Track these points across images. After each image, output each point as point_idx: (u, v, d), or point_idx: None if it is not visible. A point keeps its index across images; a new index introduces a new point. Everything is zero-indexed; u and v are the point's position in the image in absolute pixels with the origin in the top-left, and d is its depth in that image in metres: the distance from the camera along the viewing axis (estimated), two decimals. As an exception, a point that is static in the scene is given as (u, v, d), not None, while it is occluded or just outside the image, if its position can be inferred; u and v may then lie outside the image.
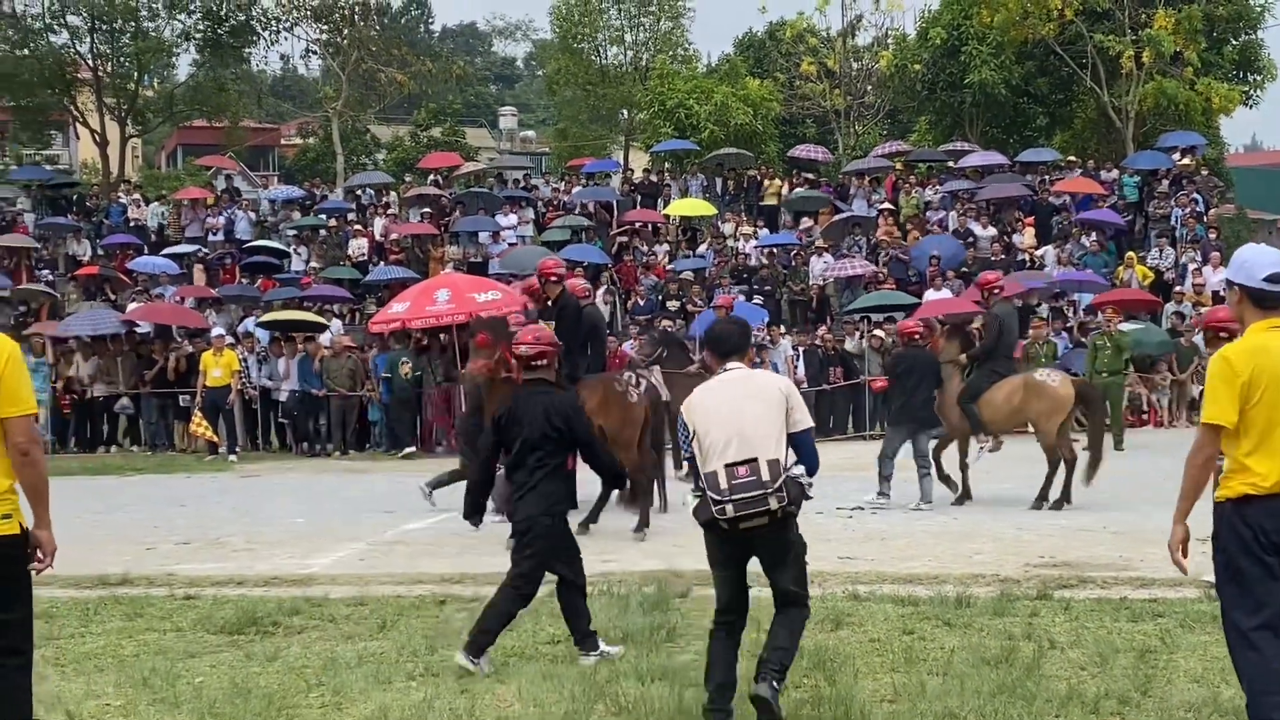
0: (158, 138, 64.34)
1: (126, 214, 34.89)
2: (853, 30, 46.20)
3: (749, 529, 6.62)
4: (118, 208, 35.43)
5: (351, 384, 24.34)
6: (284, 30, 46.32)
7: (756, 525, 6.60)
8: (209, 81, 45.62)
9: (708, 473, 6.61)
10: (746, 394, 6.74)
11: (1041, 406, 15.14)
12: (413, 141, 56.07)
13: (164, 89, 47.96)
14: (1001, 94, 40.22)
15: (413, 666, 8.07)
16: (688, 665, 7.86)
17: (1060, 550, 11.46)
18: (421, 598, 10.28)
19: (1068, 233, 29.38)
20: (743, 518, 6.56)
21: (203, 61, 45.86)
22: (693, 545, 12.64)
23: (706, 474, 6.62)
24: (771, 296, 28.09)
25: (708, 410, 6.76)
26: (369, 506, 16.52)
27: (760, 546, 6.83)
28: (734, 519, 6.57)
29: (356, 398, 24.43)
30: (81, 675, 8.01)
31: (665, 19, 49.26)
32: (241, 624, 9.22)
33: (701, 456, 6.70)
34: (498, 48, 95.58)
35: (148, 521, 15.50)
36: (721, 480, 6.54)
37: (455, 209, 33.62)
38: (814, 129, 47.17)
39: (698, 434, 6.72)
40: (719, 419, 6.68)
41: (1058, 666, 7.86)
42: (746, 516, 6.56)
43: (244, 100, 48.12)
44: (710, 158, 37.24)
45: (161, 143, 69.24)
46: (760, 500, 6.51)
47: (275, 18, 45.58)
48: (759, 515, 6.56)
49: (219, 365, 23.62)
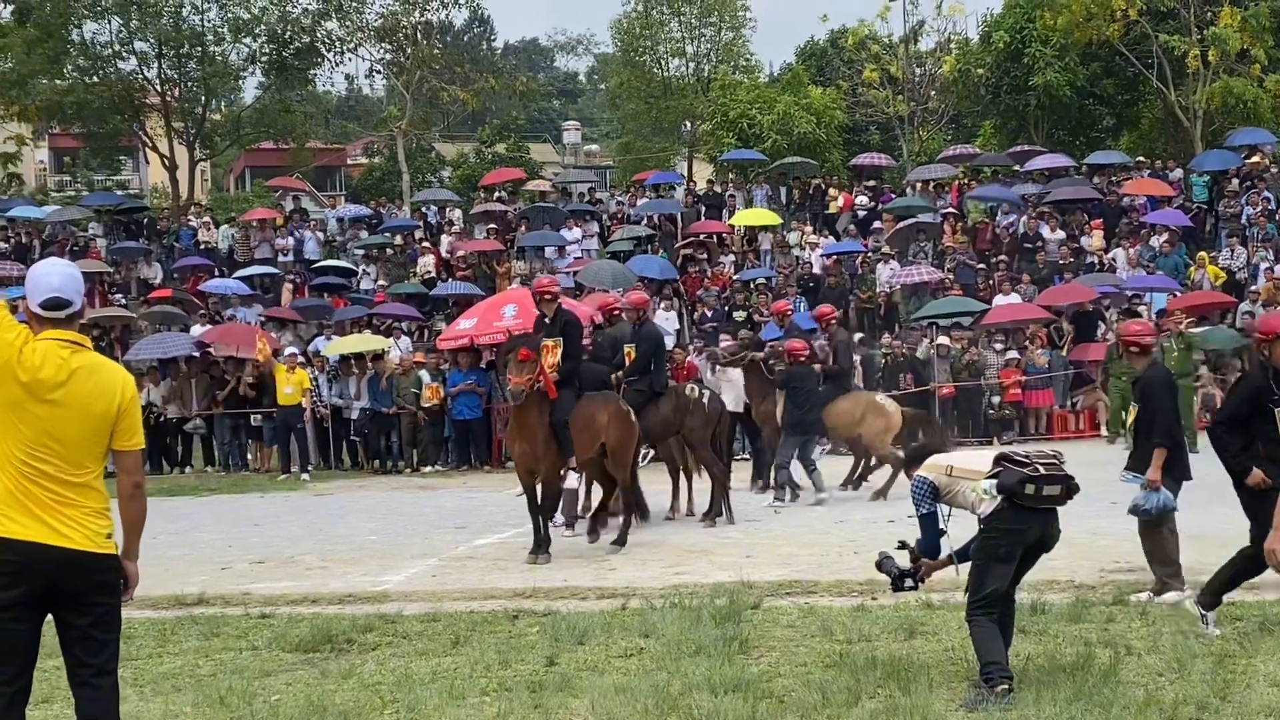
0: (225, 161, 65.06)
1: (197, 237, 35.29)
2: (915, 36, 46.08)
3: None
4: (188, 231, 35.84)
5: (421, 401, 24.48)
6: (348, 51, 46.72)
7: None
8: (275, 104, 46.12)
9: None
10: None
11: (877, 425, 17.54)
12: (477, 158, 56.38)
13: (231, 112, 48.50)
14: (1067, 96, 39.90)
15: (486, 682, 8.10)
16: (760, 677, 7.83)
17: (1136, 555, 11.31)
18: (493, 613, 10.32)
19: (1135, 233, 29.08)
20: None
21: (269, 84, 46.38)
22: (763, 556, 12.72)
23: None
24: (838, 305, 27.95)
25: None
26: (440, 523, 16.61)
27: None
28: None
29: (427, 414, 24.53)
30: (159, 695, 8.10)
31: (726, 30, 49.29)
32: (316, 642, 9.29)
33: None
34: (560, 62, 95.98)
35: (222, 541, 15.66)
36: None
37: (520, 224, 33.75)
38: (878, 136, 47.02)
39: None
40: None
41: (1135, 673, 7.79)
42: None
43: (310, 121, 48.58)
44: (774, 167, 37.17)
45: (229, 165, 70.03)
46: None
47: (339, 39, 45.99)
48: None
49: (290, 383, 23.82)
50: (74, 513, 5.38)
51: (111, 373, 5.59)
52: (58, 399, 5.37)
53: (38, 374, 5.35)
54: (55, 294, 5.48)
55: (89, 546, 5.39)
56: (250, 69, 45.81)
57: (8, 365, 5.34)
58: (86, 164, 57.99)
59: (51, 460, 5.36)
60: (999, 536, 7.50)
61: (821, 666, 8.13)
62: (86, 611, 5.44)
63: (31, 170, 59.62)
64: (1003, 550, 7.52)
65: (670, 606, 9.93)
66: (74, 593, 5.40)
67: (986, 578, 7.52)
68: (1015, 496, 7.40)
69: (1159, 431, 10.00)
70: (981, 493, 7.50)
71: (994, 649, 7.36)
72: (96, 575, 5.45)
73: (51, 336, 5.45)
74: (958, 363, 24.86)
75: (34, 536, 5.31)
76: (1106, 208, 30.98)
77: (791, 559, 12.52)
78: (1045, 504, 7.49)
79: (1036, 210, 30.39)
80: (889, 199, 33.52)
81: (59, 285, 5.51)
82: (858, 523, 14.79)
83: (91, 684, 5.48)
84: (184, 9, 43.82)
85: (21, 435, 5.35)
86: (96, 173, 58.49)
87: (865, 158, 37.75)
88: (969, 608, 7.55)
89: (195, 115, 45.00)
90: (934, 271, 28.33)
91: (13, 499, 5.34)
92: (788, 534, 14.30)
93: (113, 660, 5.57)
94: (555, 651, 8.71)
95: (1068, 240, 29.33)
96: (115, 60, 44.12)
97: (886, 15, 44.95)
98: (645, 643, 8.91)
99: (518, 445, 13.52)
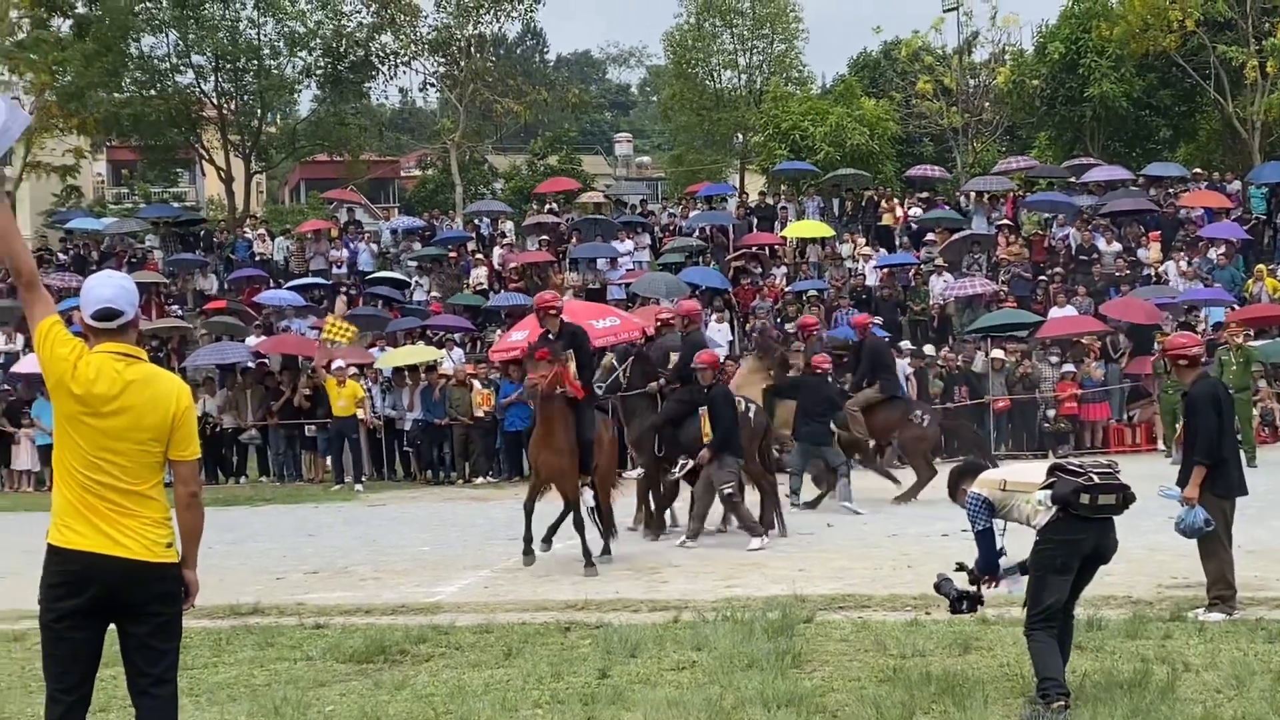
0: (281, 173, 65.61)
1: (252, 249, 35.60)
2: (969, 47, 45.84)
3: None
4: (244, 243, 36.16)
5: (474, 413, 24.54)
6: (402, 64, 47.04)
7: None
8: (330, 117, 46.45)
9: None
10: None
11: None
12: (530, 170, 56.56)
13: (286, 125, 48.89)
14: (1123, 107, 39.58)
15: (538, 694, 8.10)
16: (814, 692, 7.80)
17: (1193, 571, 11.20)
18: (546, 625, 10.33)
19: (1192, 246, 28.80)
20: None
21: (324, 97, 46.74)
22: (816, 569, 12.67)
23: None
24: (891, 317, 27.88)
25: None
26: (492, 534, 16.64)
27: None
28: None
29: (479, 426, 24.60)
30: (215, 705, 8.15)
31: (779, 41, 49.25)
32: (370, 652, 9.32)
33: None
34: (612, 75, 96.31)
35: (277, 551, 15.76)
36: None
37: (572, 236, 33.86)
38: (931, 147, 46.82)
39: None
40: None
41: (1193, 689, 7.70)
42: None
43: (364, 134, 48.90)
44: (826, 179, 37.09)
45: (285, 178, 70.58)
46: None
47: (394, 52, 46.30)
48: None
49: (342, 395, 23.96)
50: (133, 523, 5.42)
51: (166, 383, 5.62)
52: (113, 411, 5.41)
53: (92, 388, 5.39)
54: (106, 304, 5.52)
55: (148, 556, 5.43)
56: (305, 82, 46.21)
57: (62, 380, 5.39)
58: (144, 176, 58.54)
59: (110, 471, 5.40)
60: (1054, 547, 7.44)
61: (875, 682, 8.09)
62: (146, 621, 5.48)
63: (90, 183, 60.21)
64: (1059, 561, 7.46)
65: (723, 620, 9.91)
66: (133, 602, 5.44)
67: (1044, 591, 7.46)
68: (1070, 506, 7.35)
69: (1199, 448, 9.89)
70: (1036, 504, 7.46)
71: (1052, 664, 7.30)
72: (156, 585, 5.48)
73: (106, 349, 5.49)
74: (1012, 375, 24.71)
75: (94, 547, 5.35)
76: (1163, 220, 30.71)
77: (844, 573, 12.47)
78: (1101, 513, 7.45)
79: (1091, 222, 30.16)
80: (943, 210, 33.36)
81: (110, 296, 5.54)
82: (911, 536, 14.72)
83: (150, 693, 5.51)
84: (240, 23, 44.29)
85: (79, 448, 5.40)
86: (154, 185, 59.00)
87: (919, 169, 37.59)
88: (1028, 622, 7.50)
89: (251, 128, 45.41)
90: (988, 284, 28.19)
91: (73, 510, 5.40)
92: (840, 547, 14.25)
93: (172, 670, 5.60)
94: (607, 664, 8.70)
95: (1124, 252, 29.09)
96: (172, 74, 44.61)
97: (940, 26, 44.78)
98: (698, 656, 8.89)
99: (543, 455, 13.55)
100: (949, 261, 29.55)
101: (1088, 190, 32.96)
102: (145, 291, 32.61)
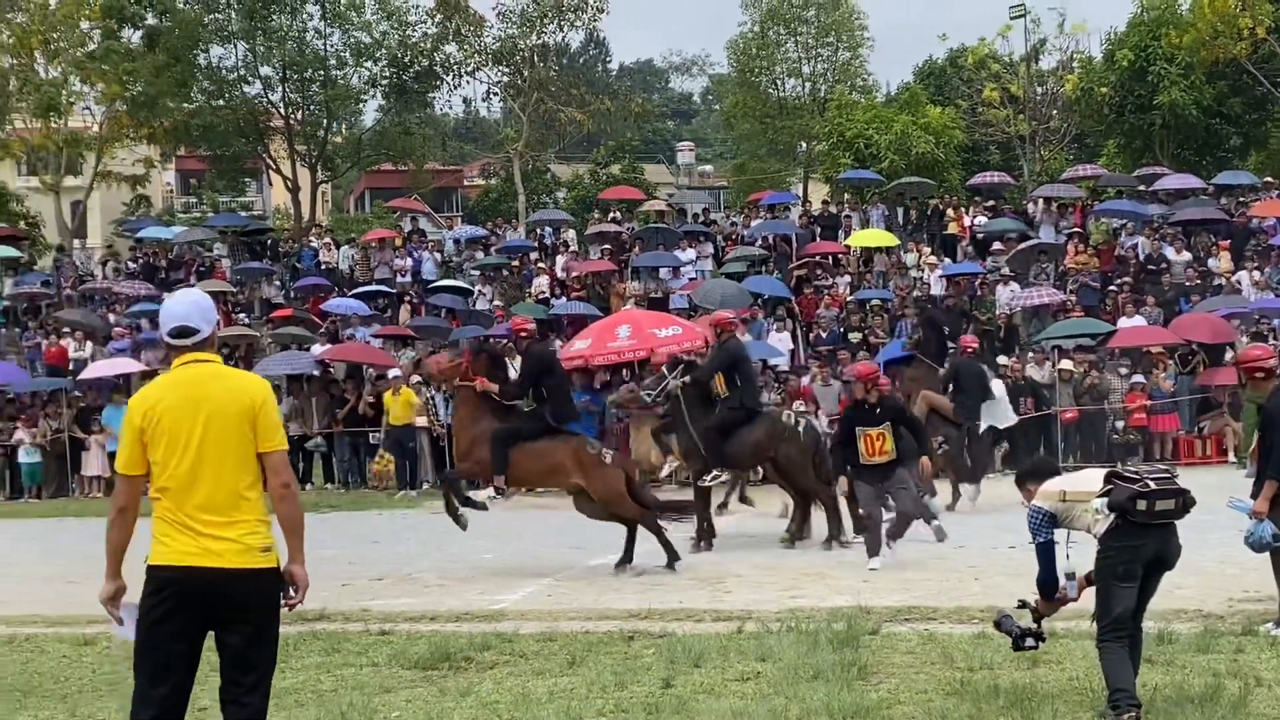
0: (346, 182, 66.11)
1: (318, 258, 35.87)
2: (1036, 54, 45.51)
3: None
4: (310, 251, 36.44)
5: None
6: (466, 74, 47.33)
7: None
8: (395, 126, 46.83)
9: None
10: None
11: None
12: (592, 179, 56.69)
13: (352, 135, 49.30)
14: (1193, 115, 39.12)
15: (602, 703, 8.08)
16: (880, 704, 7.73)
17: (1265, 584, 11.03)
18: (609, 633, 10.31)
19: (1264, 255, 28.41)
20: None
21: (388, 107, 47.11)
22: (881, 580, 12.58)
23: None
24: (956, 327, 27.61)
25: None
26: (554, 542, 16.68)
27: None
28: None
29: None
30: (283, 710, 8.16)
31: (843, 50, 49.12)
32: (435, 659, 9.34)
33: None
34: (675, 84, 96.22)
35: (343, 558, 15.84)
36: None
37: (635, 245, 33.86)
38: (998, 156, 46.49)
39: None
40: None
41: (1265, 704, 7.58)
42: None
43: (428, 144, 49.23)
44: (891, 187, 36.89)
45: (350, 187, 71.10)
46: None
47: (458, 62, 46.61)
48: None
49: (397, 404, 24.09)
50: (229, 531, 5.45)
51: (242, 378, 5.73)
52: (194, 414, 5.46)
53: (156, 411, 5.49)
54: (181, 322, 5.62)
55: (243, 564, 5.45)
56: (371, 92, 46.61)
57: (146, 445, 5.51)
58: (212, 186, 59.20)
59: (203, 480, 5.45)
60: (1115, 554, 7.41)
61: (942, 694, 8.01)
62: (240, 629, 5.50)
63: (159, 192, 60.99)
64: (1121, 569, 7.42)
65: (787, 630, 9.85)
66: (229, 612, 5.46)
67: (1111, 600, 7.43)
68: (1128, 513, 7.31)
69: (1272, 464, 9.70)
70: (1094, 512, 7.44)
71: (1123, 676, 7.24)
72: (251, 593, 5.50)
73: (181, 360, 5.58)
74: (1080, 386, 24.46)
75: (188, 559, 5.40)
76: (1234, 229, 30.30)
77: (910, 584, 12.38)
78: (1160, 519, 7.39)
79: (1159, 231, 29.82)
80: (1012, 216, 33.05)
81: (184, 314, 5.65)
82: (977, 549, 14.60)
83: (240, 701, 5.54)
84: (307, 34, 44.75)
85: (169, 462, 5.46)
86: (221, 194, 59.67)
87: (983, 177, 37.31)
88: (1099, 634, 7.45)
89: (317, 138, 45.87)
90: (1055, 293, 27.88)
91: (167, 522, 5.45)
92: (906, 558, 14.14)
93: (265, 677, 5.61)
94: (671, 674, 8.66)
95: (1194, 262, 28.73)
96: (240, 84, 45.18)
97: (1007, 33, 44.51)
98: (762, 666, 8.84)
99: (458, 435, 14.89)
100: (1016, 271, 29.28)
101: (1158, 199, 32.58)
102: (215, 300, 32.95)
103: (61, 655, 10.02)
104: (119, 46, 41.97)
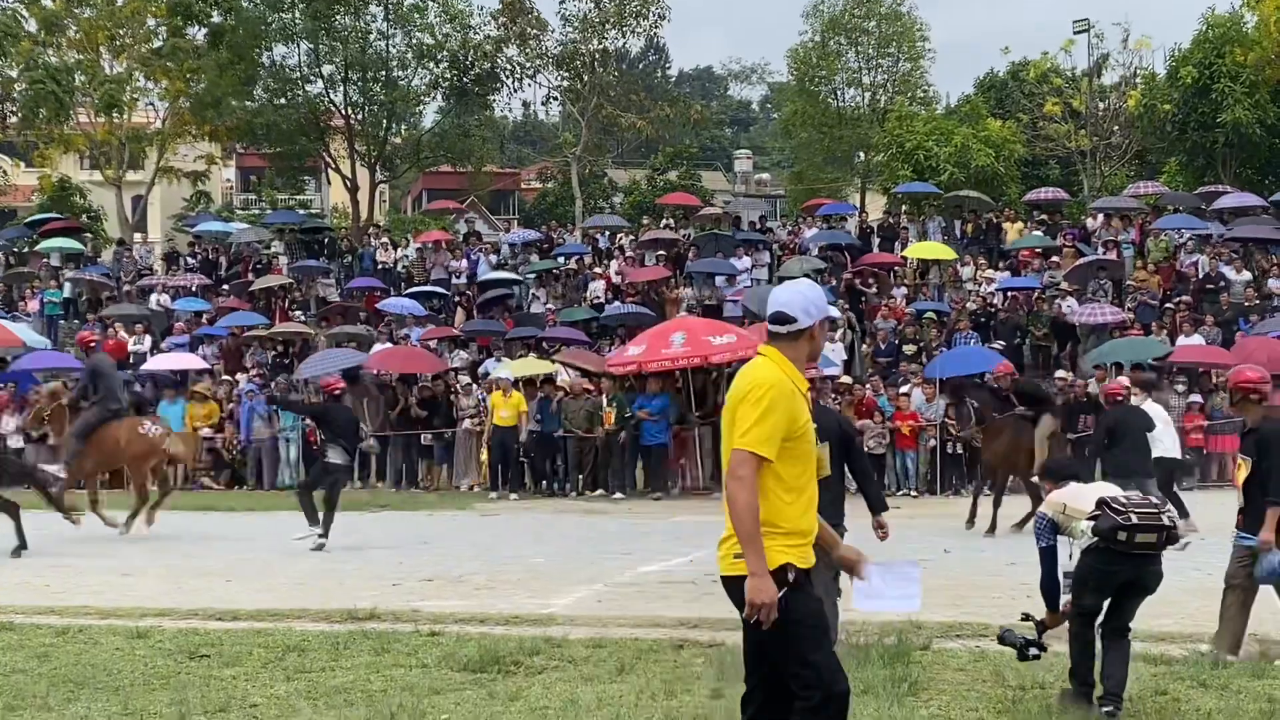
0: (404, 183, 66.46)
1: (376, 257, 36.05)
2: (1099, 69, 45.19)
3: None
4: (368, 251, 36.64)
5: (589, 425, 24.53)
6: (526, 78, 47.49)
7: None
8: (454, 128, 47.01)
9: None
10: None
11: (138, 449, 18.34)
12: (649, 185, 56.72)
13: (411, 136, 49.58)
14: (1256, 134, 38.77)
15: (651, 712, 8.05)
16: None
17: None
18: (659, 641, 10.27)
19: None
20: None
21: (448, 109, 47.30)
22: (932, 596, 12.46)
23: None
24: (1011, 341, 27.43)
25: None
26: (605, 547, 16.66)
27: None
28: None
29: (593, 439, 24.61)
30: (332, 709, 8.19)
31: (904, 61, 48.95)
32: (484, 662, 9.32)
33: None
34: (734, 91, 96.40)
35: (394, 558, 15.89)
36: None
37: (691, 251, 33.83)
38: (1058, 170, 46.18)
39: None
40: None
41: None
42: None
43: (487, 146, 49.40)
44: (948, 198, 36.70)
45: (408, 188, 71.47)
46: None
47: (519, 65, 46.76)
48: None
49: (506, 406, 24.08)
50: (725, 534, 5.42)
51: (741, 374, 5.50)
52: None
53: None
54: (779, 309, 5.50)
55: (723, 570, 5.44)
56: (432, 94, 46.79)
57: None
58: (271, 183, 59.70)
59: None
60: (1088, 571, 8.03)
61: (994, 712, 7.94)
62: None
63: (219, 188, 61.54)
64: (1092, 583, 8.05)
65: (837, 644, 9.79)
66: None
67: (1082, 595, 8.10)
68: (1110, 542, 7.83)
69: (1274, 489, 9.48)
70: (1082, 531, 8.04)
71: (1078, 656, 8.07)
72: (736, 599, 5.37)
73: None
74: (1138, 405, 24.14)
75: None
76: (1295, 249, 29.94)
77: (962, 600, 12.28)
78: (1138, 549, 7.85)
79: (1216, 250, 29.49)
80: (1071, 234, 32.75)
81: (784, 300, 5.49)
82: (1030, 565, 14.40)
83: None
84: (370, 35, 44.99)
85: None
86: (280, 192, 60.14)
87: (1040, 193, 37.03)
88: (1070, 616, 8.20)
89: (377, 138, 46.08)
90: (1117, 311, 27.50)
91: None
92: (959, 575, 14.03)
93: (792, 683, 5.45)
94: (721, 684, 8.62)
95: (1253, 282, 28.38)
96: (303, 83, 45.47)
97: (1070, 48, 44.25)
98: (812, 679, 8.77)
99: None
100: (1074, 286, 29.00)
101: (1220, 218, 32.25)
102: (271, 297, 33.18)
103: (115, 648, 10.07)
104: (184, 44, 42.40)
